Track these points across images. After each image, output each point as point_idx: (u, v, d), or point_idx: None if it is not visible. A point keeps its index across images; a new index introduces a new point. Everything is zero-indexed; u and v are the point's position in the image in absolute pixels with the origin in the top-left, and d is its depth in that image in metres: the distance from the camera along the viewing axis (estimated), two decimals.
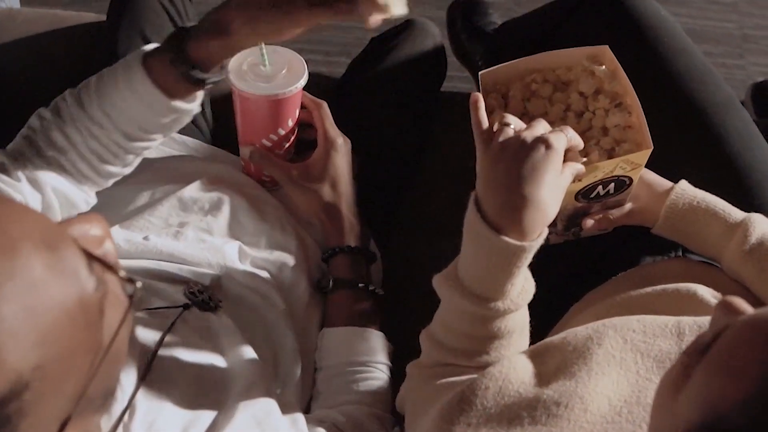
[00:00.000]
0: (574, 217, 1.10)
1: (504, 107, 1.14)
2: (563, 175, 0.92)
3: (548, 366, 0.87)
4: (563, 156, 0.92)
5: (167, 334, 0.98)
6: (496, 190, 0.91)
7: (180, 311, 1.04)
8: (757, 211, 1.14)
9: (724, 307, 0.59)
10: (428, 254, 1.44)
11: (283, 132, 1.26)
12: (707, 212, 1.09)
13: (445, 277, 0.97)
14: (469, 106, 1.00)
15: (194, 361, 0.98)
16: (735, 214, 1.09)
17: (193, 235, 1.19)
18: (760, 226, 1.07)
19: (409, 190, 1.48)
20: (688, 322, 0.90)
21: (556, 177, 0.91)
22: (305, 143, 1.32)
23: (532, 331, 1.01)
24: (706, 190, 1.13)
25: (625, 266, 1.18)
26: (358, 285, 1.22)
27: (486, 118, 0.99)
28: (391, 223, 1.42)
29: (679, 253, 1.19)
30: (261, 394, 0.97)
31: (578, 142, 0.97)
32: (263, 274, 1.18)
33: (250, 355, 1.03)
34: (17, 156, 1.06)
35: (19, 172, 1.04)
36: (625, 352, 0.86)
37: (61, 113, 1.07)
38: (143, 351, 0.94)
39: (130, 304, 0.65)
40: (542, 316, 1.02)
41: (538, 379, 0.84)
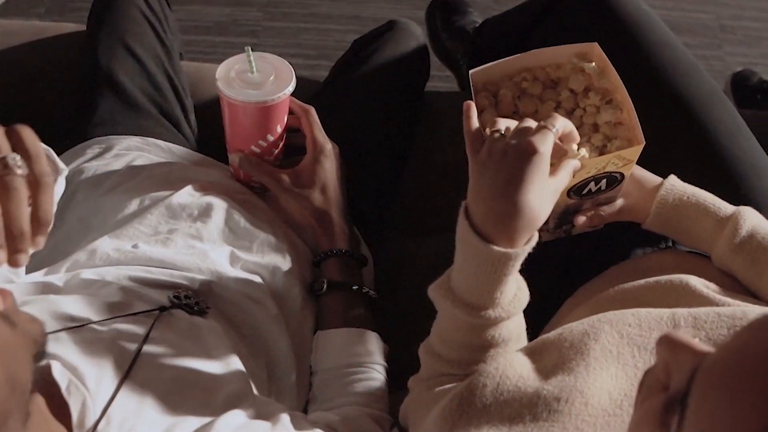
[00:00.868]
0: (566, 215, 1.10)
1: (495, 106, 1.14)
2: (557, 177, 0.91)
3: (546, 362, 0.87)
4: (560, 147, 0.92)
5: (147, 338, 0.96)
6: (483, 199, 0.91)
7: (157, 314, 1.02)
8: (744, 202, 1.15)
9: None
10: (418, 254, 1.44)
11: (272, 138, 1.26)
12: (697, 207, 1.09)
13: (439, 286, 0.97)
14: (463, 113, 0.99)
15: (178, 365, 0.96)
16: (725, 208, 1.09)
17: (183, 241, 1.18)
18: (750, 219, 1.07)
19: (396, 190, 1.48)
20: (683, 313, 0.90)
21: (543, 181, 0.89)
22: (293, 148, 1.32)
23: (527, 328, 1.01)
24: (694, 182, 1.13)
25: (616, 259, 1.18)
26: (352, 287, 1.22)
27: (478, 126, 0.98)
28: (380, 224, 1.42)
29: (669, 244, 1.20)
30: (248, 398, 0.97)
31: (571, 130, 0.95)
32: (255, 279, 1.17)
33: (236, 360, 1.02)
34: None
35: None
36: (622, 347, 0.86)
37: None
38: (123, 356, 0.92)
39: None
40: (535, 312, 1.01)
41: (537, 375, 0.84)
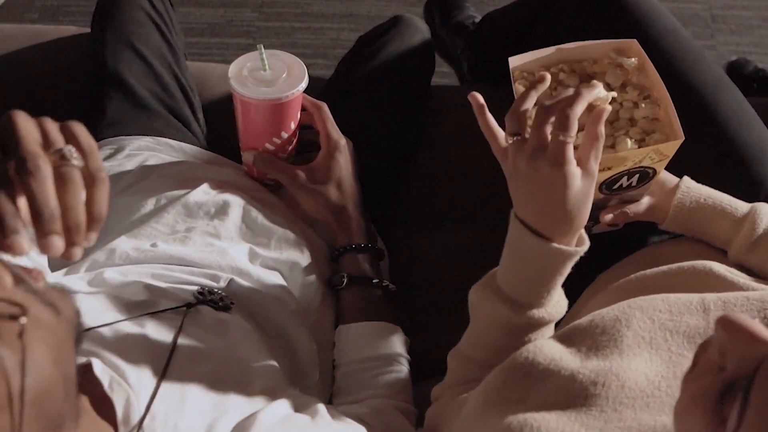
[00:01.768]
0: (592, 210, 1.10)
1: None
2: (587, 173, 0.92)
3: (578, 348, 0.87)
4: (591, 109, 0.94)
5: (180, 333, 0.97)
6: (531, 209, 0.95)
7: (185, 310, 1.03)
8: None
9: (728, 327, 0.58)
10: (428, 248, 1.45)
11: (285, 135, 1.27)
12: (714, 209, 1.11)
13: (483, 286, 1.01)
14: (474, 110, 1.02)
15: (211, 360, 0.96)
16: (741, 207, 1.11)
17: (201, 239, 1.18)
18: (766, 215, 1.09)
19: (405, 185, 1.49)
20: (712, 298, 0.91)
21: (575, 186, 0.91)
22: (304, 144, 1.32)
23: None
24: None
25: (632, 247, 1.19)
26: (372, 281, 1.22)
27: (492, 123, 1.01)
28: (389, 220, 1.42)
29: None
30: (282, 391, 0.97)
31: (598, 95, 0.96)
32: (274, 275, 1.17)
33: (266, 354, 1.03)
34: None
35: None
36: (654, 332, 0.87)
37: None
38: (157, 352, 0.93)
39: (23, 343, 0.59)
40: None
41: (571, 359, 0.85)
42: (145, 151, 1.33)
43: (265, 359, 1.02)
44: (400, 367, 1.17)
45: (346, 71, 1.53)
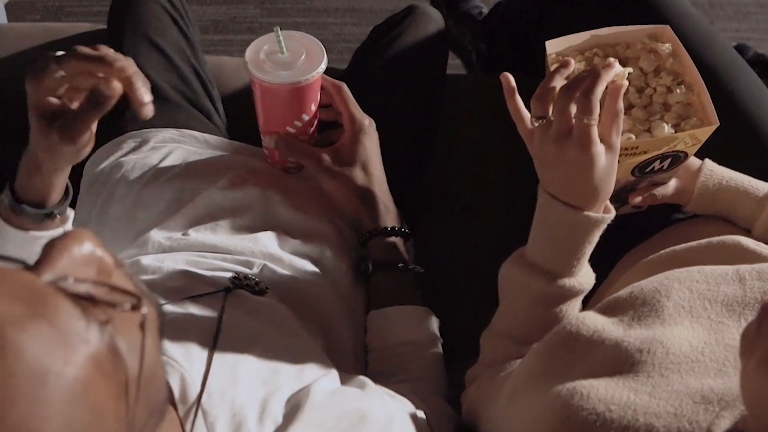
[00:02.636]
0: (621, 192, 1.13)
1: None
2: (610, 148, 0.96)
3: (620, 319, 0.89)
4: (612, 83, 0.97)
5: (222, 316, 0.98)
6: (560, 186, 0.99)
7: (224, 294, 1.04)
8: None
9: None
10: (453, 233, 1.47)
11: (306, 117, 1.24)
12: (737, 190, 1.14)
13: (514, 261, 1.05)
14: (504, 92, 1.05)
15: (256, 340, 0.97)
16: (762, 187, 1.14)
17: (230, 228, 1.20)
18: None
19: (425, 173, 1.50)
20: (746, 269, 0.93)
21: (600, 164, 0.95)
22: (324, 124, 1.31)
23: None
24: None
25: (657, 226, 1.21)
26: (399, 265, 1.23)
27: (521, 107, 1.05)
28: (414, 206, 1.44)
29: None
30: (327, 368, 0.99)
31: (615, 72, 0.98)
32: (304, 261, 1.19)
33: (306, 335, 1.05)
34: None
35: None
36: (693, 301, 0.89)
37: None
38: (202, 334, 0.93)
39: (144, 329, 0.60)
40: None
41: (614, 329, 0.87)
42: (170, 143, 1.34)
43: (308, 340, 1.04)
44: (435, 351, 1.18)
45: (363, 62, 1.54)
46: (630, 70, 1.08)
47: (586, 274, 1.04)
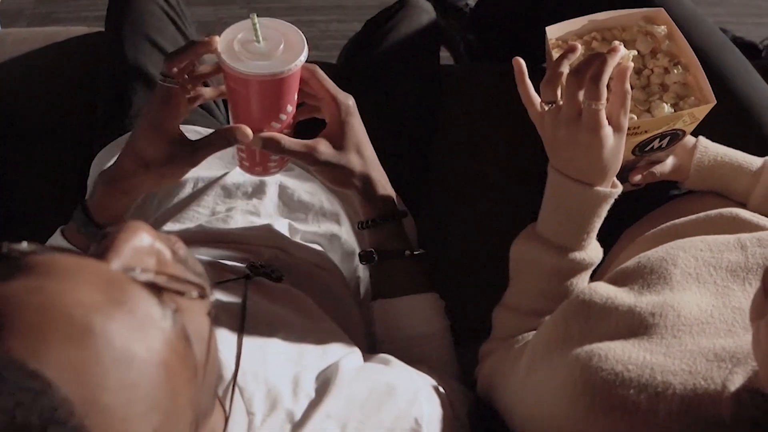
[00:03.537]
0: (621, 171, 1.16)
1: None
2: (618, 129, 1.00)
3: (630, 287, 0.93)
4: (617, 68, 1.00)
5: (246, 301, 1.00)
6: (566, 165, 1.03)
7: (245, 281, 1.06)
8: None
9: None
10: (456, 220, 1.50)
11: (291, 109, 1.09)
12: (732, 166, 1.19)
13: (525, 238, 1.09)
14: (515, 76, 1.08)
15: (280, 323, 1.00)
16: (755, 161, 1.19)
17: (242, 218, 1.22)
18: None
19: (426, 164, 1.52)
20: (747, 237, 0.97)
21: (609, 145, 1.00)
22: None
23: None
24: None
25: (654, 202, 1.25)
26: (405, 252, 1.17)
27: (531, 91, 1.08)
28: (417, 195, 1.45)
29: None
30: (349, 347, 1.02)
31: (620, 56, 1.01)
32: (316, 248, 1.22)
33: (326, 319, 1.08)
34: None
35: None
36: (699, 268, 0.93)
37: None
38: (228, 318, 0.96)
39: (211, 316, 0.63)
40: None
41: (626, 296, 0.91)
42: None
43: (329, 323, 1.07)
44: (445, 341, 1.18)
45: (359, 56, 1.57)
46: (635, 52, 1.12)
47: (595, 248, 1.08)
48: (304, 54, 1.04)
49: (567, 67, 1.03)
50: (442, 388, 1.03)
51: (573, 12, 1.21)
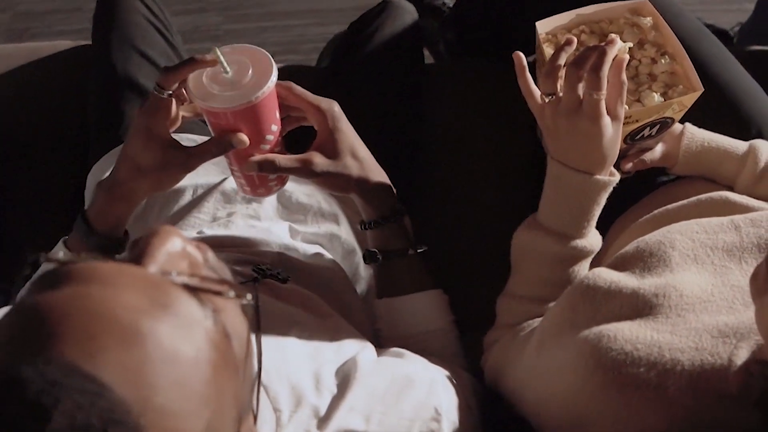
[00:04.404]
0: None
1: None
2: (615, 118, 1.04)
3: (632, 271, 0.97)
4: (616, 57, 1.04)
5: (257, 303, 1.01)
6: (570, 154, 1.07)
7: (254, 283, 1.08)
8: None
9: None
10: (448, 215, 1.53)
11: (276, 128, 1.10)
12: (718, 151, 1.22)
13: (527, 228, 1.13)
14: (516, 69, 1.10)
15: (293, 322, 1.02)
16: (740, 146, 1.23)
17: (243, 222, 1.25)
18: (764, 150, 1.21)
19: (414, 163, 1.54)
20: (740, 218, 1.01)
21: (608, 134, 1.04)
22: None
23: None
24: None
25: (645, 189, 1.29)
26: (407, 252, 1.18)
27: (531, 84, 1.10)
28: (408, 195, 1.45)
29: None
30: (362, 342, 1.04)
31: (617, 48, 1.04)
32: (317, 248, 1.24)
33: (336, 315, 1.10)
34: None
35: None
36: (696, 249, 0.97)
37: None
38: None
39: (255, 315, 0.65)
40: None
41: (629, 279, 0.94)
42: None
43: (340, 320, 1.09)
44: (452, 335, 1.20)
45: (344, 59, 1.60)
46: (630, 44, 1.15)
47: (595, 236, 1.12)
48: (274, 74, 1.04)
49: (563, 60, 1.06)
50: (454, 379, 1.06)
51: (554, 6, 1.25)
